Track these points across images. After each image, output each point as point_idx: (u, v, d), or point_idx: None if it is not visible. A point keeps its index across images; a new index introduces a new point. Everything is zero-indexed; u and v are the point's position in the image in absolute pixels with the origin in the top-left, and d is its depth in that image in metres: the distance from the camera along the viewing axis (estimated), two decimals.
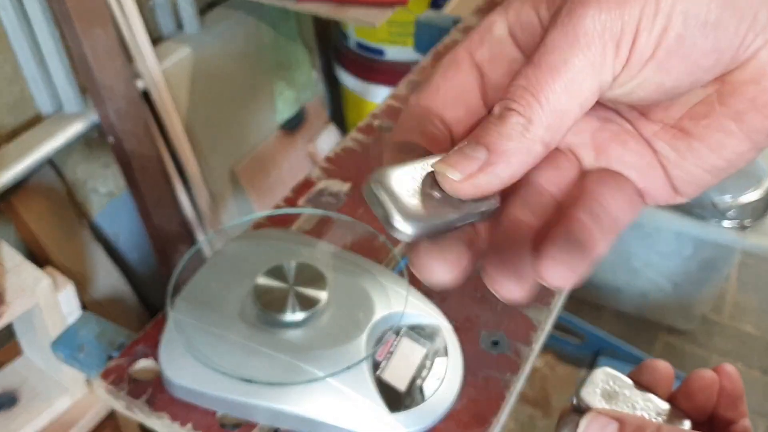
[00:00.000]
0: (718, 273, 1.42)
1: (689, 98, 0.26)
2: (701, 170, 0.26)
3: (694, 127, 0.26)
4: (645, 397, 0.34)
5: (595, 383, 0.34)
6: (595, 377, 0.34)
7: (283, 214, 0.63)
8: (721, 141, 0.25)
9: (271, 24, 1.51)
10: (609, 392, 0.33)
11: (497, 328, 0.55)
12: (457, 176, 0.24)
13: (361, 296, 0.52)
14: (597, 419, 0.31)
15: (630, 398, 0.33)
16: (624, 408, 0.33)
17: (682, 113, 0.26)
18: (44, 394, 0.99)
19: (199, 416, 0.48)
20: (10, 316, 0.87)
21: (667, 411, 0.33)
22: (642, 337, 1.49)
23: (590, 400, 0.33)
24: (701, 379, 0.35)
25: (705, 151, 0.26)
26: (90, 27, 1.05)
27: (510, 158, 0.23)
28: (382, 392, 0.47)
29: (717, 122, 0.25)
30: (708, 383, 0.35)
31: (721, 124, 0.25)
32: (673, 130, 0.26)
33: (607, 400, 0.33)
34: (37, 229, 1.14)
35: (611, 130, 0.28)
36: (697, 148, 0.26)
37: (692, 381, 0.35)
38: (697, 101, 0.26)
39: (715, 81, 0.25)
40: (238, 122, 1.48)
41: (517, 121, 0.23)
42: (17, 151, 1.09)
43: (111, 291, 1.27)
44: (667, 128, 0.27)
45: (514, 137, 0.23)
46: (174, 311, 0.50)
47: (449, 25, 0.92)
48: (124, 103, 1.14)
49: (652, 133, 0.27)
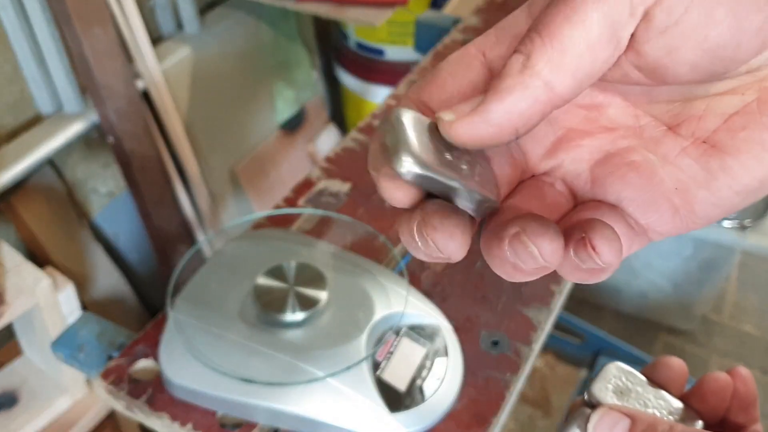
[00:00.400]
0: (718, 273, 1.42)
1: (726, 106, 0.24)
2: (731, 191, 0.24)
3: (731, 140, 0.23)
4: (658, 394, 0.33)
5: (607, 378, 0.33)
6: (607, 372, 0.33)
7: (283, 214, 0.63)
8: (759, 156, 0.23)
9: (271, 24, 1.51)
10: (621, 388, 0.33)
11: (497, 328, 0.55)
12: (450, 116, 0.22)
13: (361, 296, 0.52)
14: (608, 415, 0.30)
15: (642, 395, 0.33)
16: (636, 405, 0.32)
17: (717, 124, 0.24)
18: (44, 394, 0.99)
19: (199, 416, 0.48)
20: (10, 316, 0.87)
21: (679, 410, 0.33)
22: (642, 337, 1.49)
23: (601, 395, 0.32)
24: (715, 382, 0.34)
25: (739, 168, 0.23)
26: (90, 27, 1.05)
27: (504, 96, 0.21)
28: (382, 392, 0.47)
29: (757, 134, 0.23)
30: (722, 386, 0.34)
31: (762, 137, 0.23)
32: (705, 146, 0.24)
33: (618, 397, 0.32)
34: (37, 229, 1.14)
35: (613, 163, 0.25)
36: (731, 166, 0.23)
37: (706, 383, 0.34)
38: (735, 111, 0.23)
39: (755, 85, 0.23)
40: (238, 122, 1.48)
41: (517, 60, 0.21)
42: (17, 151, 1.09)
43: (111, 291, 1.27)
44: (698, 143, 0.24)
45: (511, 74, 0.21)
46: (174, 311, 0.50)
47: (449, 25, 0.92)
48: (124, 103, 1.14)
49: (680, 150, 0.24)
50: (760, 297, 1.60)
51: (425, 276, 0.59)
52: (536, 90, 0.21)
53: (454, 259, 0.22)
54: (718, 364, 1.47)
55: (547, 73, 0.21)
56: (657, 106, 0.25)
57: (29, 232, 1.14)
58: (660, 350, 1.49)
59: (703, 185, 0.24)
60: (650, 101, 0.25)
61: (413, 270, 0.60)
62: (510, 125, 0.22)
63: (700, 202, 0.24)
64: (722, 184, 0.24)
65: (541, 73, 0.21)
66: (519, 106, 0.21)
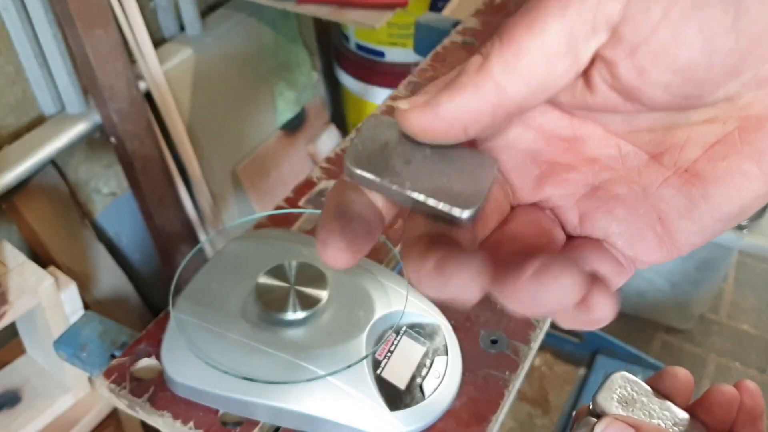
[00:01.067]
0: (716, 273, 1.43)
1: (707, 135, 0.24)
2: (713, 219, 0.24)
3: (712, 169, 0.23)
4: (663, 405, 0.32)
5: (612, 388, 0.32)
6: (612, 382, 0.32)
7: (284, 214, 0.64)
8: (740, 185, 0.23)
9: (272, 26, 1.51)
10: (626, 398, 0.32)
11: (496, 327, 0.56)
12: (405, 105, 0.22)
13: (361, 295, 0.52)
14: (613, 425, 0.30)
15: (647, 405, 0.32)
16: (640, 415, 0.32)
17: (698, 153, 0.24)
18: (47, 393, 0.99)
19: (200, 414, 0.48)
20: (13, 315, 0.88)
21: (685, 421, 0.32)
22: (640, 336, 1.50)
23: (606, 405, 0.32)
24: (722, 394, 0.33)
25: (720, 197, 0.23)
26: (92, 28, 1.06)
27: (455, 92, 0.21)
28: (382, 390, 0.47)
29: (737, 164, 0.23)
30: (729, 398, 0.33)
31: (741, 166, 0.23)
32: (687, 175, 0.24)
33: (623, 407, 0.32)
34: (40, 229, 1.14)
35: (598, 197, 0.25)
36: (712, 195, 0.23)
37: (712, 395, 0.34)
38: (716, 140, 0.23)
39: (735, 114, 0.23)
40: (240, 123, 1.48)
41: (476, 59, 0.22)
42: (20, 152, 1.09)
43: (113, 290, 1.27)
44: (680, 173, 0.24)
45: (467, 73, 0.21)
46: (176, 310, 0.51)
47: (449, 28, 0.92)
48: (126, 103, 1.15)
49: (662, 180, 0.25)
50: (758, 296, 1.61)
51: None
52: (487, 91, 0.21)
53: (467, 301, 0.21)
54: (716, 363, 1.48)
55: (500, 75, 0.21)
56: (639, 135, 0.25)
57: (32, 232, 1.14)
58: (658, 349, 1.49)
59: (685, 215, 0.24)
60: (632, 130, 0.25)
61: None
62: (459, 122, 0.22)
63: (682, 232, 0.24)
64: (704, 212, 0.24)
65: (494, 74, 0.21)
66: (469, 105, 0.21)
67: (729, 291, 1.62)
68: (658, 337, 1.51)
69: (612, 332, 1.37)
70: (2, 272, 0.89)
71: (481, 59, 0.21)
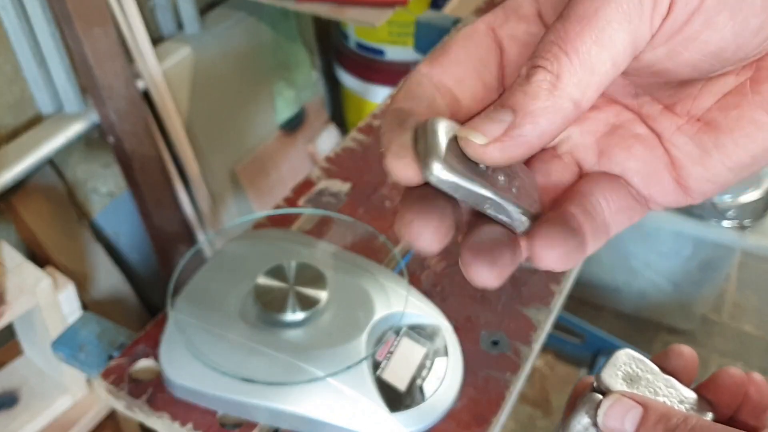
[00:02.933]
0: (718, 273, 1.42)
1: (721, 86, 0.24)
2: (724, 168, 0.25)
3: (724, 118, 0.24)
4: (668, 383, 0.32)
5: (617, 365, 0.32)
6: (617, 359, 0.32)
7: (283, 214, 0.63)
8: (751, 134, 0.24)
9: (271, 24, 1.51)
10: (631, 375, 0.32)
11: (497, 328, 0.55)
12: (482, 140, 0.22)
13: (361, 296, 0.52)
14: (620, 402, 0.29)
15: (653, 383, 0.32)
16: (646, 393, 0.31)
17: (711, 103, 0.25)
18: (45, 394, 0.99)
19: (199, 416, 0.48)
20: (11, 315, 0.87)
21: (690, 399, 0.32)
22: (642, 337, 1.49)
23: (611, 382, 0.31)
24: (730, 377, 0.33)
25: (732, 146, 0.24)
26: (90, 27, 1.05)
27: (537, 119, 0.22)
28: (382, 392, 0.47)
29: (748, 113, 0.24)
30: (737, 382, 0.33)
31: (753, 116, 0.24)
32: (699, 124, 0.25)
33: (628, 384, 0.31)
34: (38, 229, 1.14)
35: (619, 135, 0.26)
36: (724, 143, 0.24)
37: (720, 377, 0.33)
38: (729, 90, 0.24)
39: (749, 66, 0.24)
40: (239, 122, 1.48)
41: (544, 78, 0.21)
42: (17, 151, 1.09)
43: (111, 291, 1.27)
44: (693, 121, 0.25)
45: (541, 96, 0.21)
46: (174, 311, 0.50)
47: (449, 26, 0.92)
48: (124, 103, 1.14)
49: (675, 128, 0.25)
50: (760, 297, 1.61)
51: (425, 276, 0.59)
52: (567, 112, 0.22)
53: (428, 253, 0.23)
54: (718, 364, 1.47)
55: (576, 93, 0.22)
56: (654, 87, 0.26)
57: (30, 232, 1.14)
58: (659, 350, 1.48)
59: (698, 162, 0.25)
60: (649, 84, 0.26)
61: (413, 270, 0.60)
62: (540, 143, 0.22)
63: (695, 179, 0.25)
64: (716, 160, 0.25)
65: (572, 94, 0.21)
66: (551, 128, 0.22)
67: (731, 291, 1.62)
68: (660, 338, 1.51)
69: (614, 333, 1.37)
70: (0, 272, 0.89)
71: (551, 77, 0.21)
